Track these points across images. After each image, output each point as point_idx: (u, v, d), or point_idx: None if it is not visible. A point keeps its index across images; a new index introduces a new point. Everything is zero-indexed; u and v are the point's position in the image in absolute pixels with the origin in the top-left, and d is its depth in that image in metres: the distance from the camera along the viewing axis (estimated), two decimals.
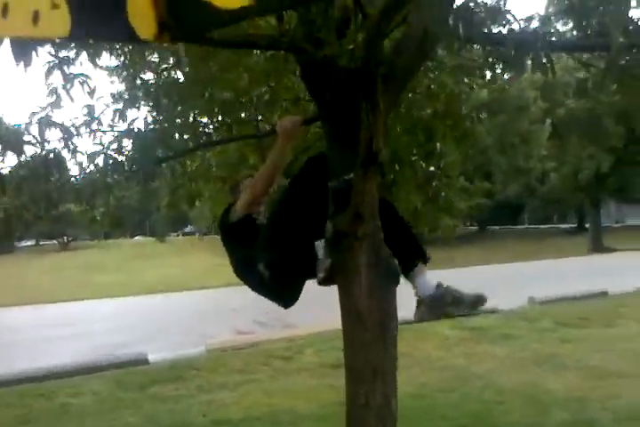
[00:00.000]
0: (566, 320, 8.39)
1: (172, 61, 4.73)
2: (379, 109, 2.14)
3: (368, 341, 2.44)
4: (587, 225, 32.42)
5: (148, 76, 4.98)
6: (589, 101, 23.30)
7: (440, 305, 2.58)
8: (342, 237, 2.45)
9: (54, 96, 3.78)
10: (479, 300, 2.61)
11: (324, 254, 2.50)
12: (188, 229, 51.70)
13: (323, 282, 2.54)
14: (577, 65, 2.77)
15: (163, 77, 4.81)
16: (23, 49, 2.13)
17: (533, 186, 29.62)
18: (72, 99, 3.69)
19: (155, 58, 4.86)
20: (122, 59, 4.63)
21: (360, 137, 2.24)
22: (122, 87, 5.50)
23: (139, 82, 4.90)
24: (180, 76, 4.85)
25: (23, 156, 3.87)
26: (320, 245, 2.52)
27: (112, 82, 6.38)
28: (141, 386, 6.40)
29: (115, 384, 6.50)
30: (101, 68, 5.11)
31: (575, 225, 38.40)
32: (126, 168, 4.36)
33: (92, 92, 4.48)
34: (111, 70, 5.65)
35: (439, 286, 2.59)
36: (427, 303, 2.58)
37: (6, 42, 2.15)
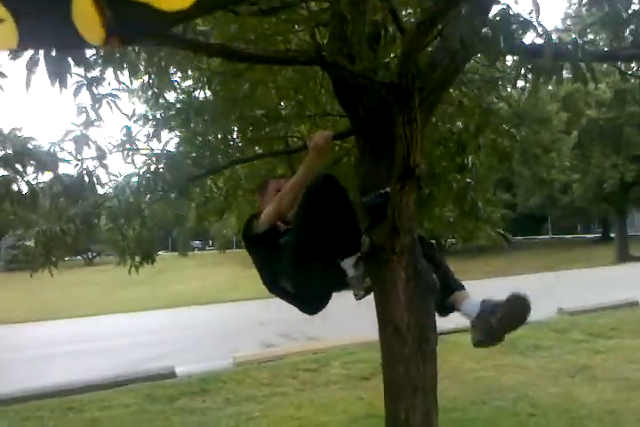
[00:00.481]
0: (597, 331, 8.27)
1: (198, 80, 4.81)
2: (415, 123, 2.16)
3: (407, 355, 2.44)
4: (612, 235, 32.03)
5: (171, 96, 5.07)
6: (611, 111, 23.20)
7: (495, 324, 2.53)
8: (379, 251, 2.46)
9: (84, 116, 3.85)
10: (519, 300, 2.62)
11: (354, 272, 2.49)
12: (203, 244, 51.87)
13: (360, 298, 2.54)
14: (598, 75, 2.74)
15: (190, 97, 4.88)
16: (58, 69, 2.18)
17: (556, 196, 29.35)
18: (101, 118, 3.76)
19: (178, 77, 4.94)
20: (145, 78, 4.71)
21: (396, 151, 2.25)
22: (147, 108, 5.60)
23: (162, 101, 4.98)
24: (204, 94, 4.93)
25: (57, 174, 3.93)
26: (348, 263, 2.50)
27: (132, 103, 6.50)
28: (170, 399, 6.43)
29: (143, 397, 6.54)
30: (125, 88, 5.21)
31: (600, 235, 37.93)
32: (159, 188, 4.43)
33: (130, 116, 4.59)
34: (132, 91, 5.75)
35: (484, 302, 2.59)
36: (479, 325, 2.56)
37: (42, 63, 2.21)
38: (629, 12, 2.55)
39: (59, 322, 14.49)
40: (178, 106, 4.88)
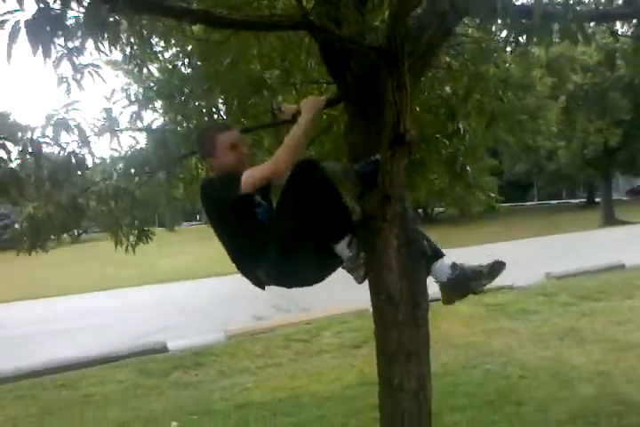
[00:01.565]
0: (585, 294, 8.39)
1: (180, 52, 4.70)
2: (405, 88, 2.11)
3: (400, 322, 2.44)
4: (597, 199, 32.33)
5: (154, 68, 4.95)
6: (597, 76, 23.15)
7: (462, 283, 2.55)
8: (371, 219, 2.44)
9: (65, 87, 3.73)
10: (497, 266, 2.58)
11: (349, 252, 2.37)
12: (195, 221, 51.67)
13: (362, 280, 2.45)
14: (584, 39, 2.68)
15: (173, 71, 4.77)
16: (40, 37, 2.10)
17: (542, 163, 29.47)
18: (82, 88, 3.65)
19: (161, 47, 4.82)
20: (127, 50, 4.59)
21: (386, 117, 2.21)
22: (129, 85, 5.47)
23: (145, 72, 4.86)
24: (186, 66, 4.82)
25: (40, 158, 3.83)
26: (342, 245, 2.38)
27: (117, 75, 6.35)
28: (163, 373, 6.47)
29: (137, 372, 6.58)
30: (107, 58, 5.08)
31: (585, 200, 38.27)
32: (146, 170, 4.34)
33: (109, 97, 4.48)
34: (115, 63, 5.61)
35: (454, 265, 2.56)
36: (449, 286, 2.57)
37: (23, 33, 2.13)
38: None
39: (48, 300, 14.45)
40: (160, 79, 4.78)
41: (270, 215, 2.53)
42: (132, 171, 4.31)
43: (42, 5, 2.05)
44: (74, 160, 3.85)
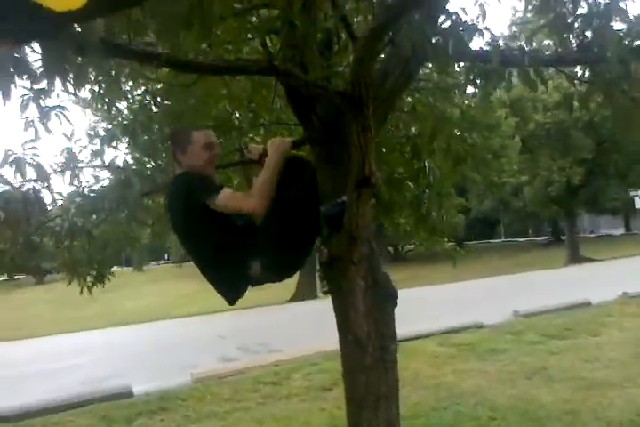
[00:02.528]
0: (552, 332, 8.42)
1: (146, 92, 4.72)
2: (369, 131, 2.15)
3: (368, 365, 2.42)
4: (562, 237, 32.91)
5: (123, 105, 4.96)
6: (557, 115, 23.89)
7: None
8: (338, 261, 2.44)
9: (31, 130, 3.71)
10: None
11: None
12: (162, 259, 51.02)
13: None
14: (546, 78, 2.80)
15: (136, 111, 4.78)
16: (1, 82, 2.09)
17: (508, 200, 30.01)
18: (50, 131, 3.63)
19: (129, 86, 4.84)
20: (96, 89, 4.59)
21: (351, 160, 2.24)
22: (97, 123, 5.46)
23: (114, 111, 4.86)
24: (153, 106, 4.83)
25: None
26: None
27: (85, 114, 6.34)
28: (127, 419, 6.24)
29: (100, 419, 6.33)
30: (75, 97, 5.06)
31: (550, 237, 38.91)
32: (105, 207, 4.29)
33: (69, 137, 4.45)
34: (84, 102, 5.60)
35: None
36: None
37: None
38: (574, 16, 2.61)
39: (8, 343, 14.00)
40: (125, 120, 4.79)
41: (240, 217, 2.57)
42: (89, 208, 4.25)
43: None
44: (32, 197, 3.78)
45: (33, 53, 2.31)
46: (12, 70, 2.10)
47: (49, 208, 4.10)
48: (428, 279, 19.00)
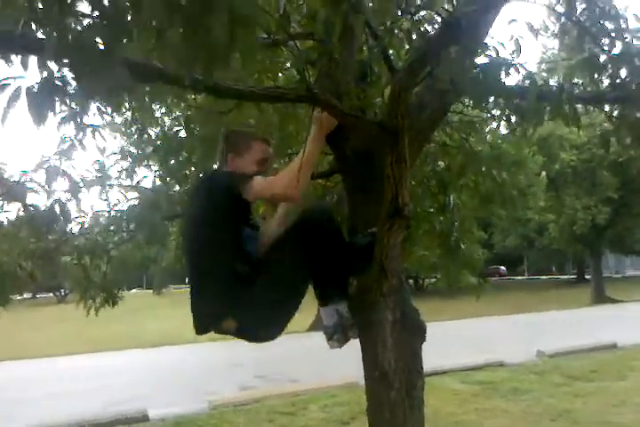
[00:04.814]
0: (577, 374, 8.22)
1: (178, 118, 4.79)
2: (404, 162, 2.14)
3: (393, 401, 2.36)
4: (587, 276, 32.36)
5: (154, 131, 5.04)
6: (584, 154, 23.73)
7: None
8: (366, 293, 2.41)
9: (67, 145, 3.76)
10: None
11: (339, 318, 2.33)
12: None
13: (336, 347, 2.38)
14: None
15: (168, 136, 4.85)
16: (41, 108, 2.11)
17: (533, 237, 29.69)
18: (84, 147, 3.68)
19: (161, 113, 4.92)
20: (128, 114, 4.67)
21: (384, 191, 2.23)
22: (127, 143, 5.54)
23: (145, 137, 4.94)
24: (185, 131, 4.90)
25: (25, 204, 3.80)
26: (328, 311, 2.35)
27: (115, 138, 6.44)
28: None
29: None
30: (109, 122, 5.17)
31: (575, 276, 38.30)
32: (129, 229, 4.32)
33: (102, 150, 4.53)
34: (114, 126, 5.70)
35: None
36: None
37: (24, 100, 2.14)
38: (608, 56, 2.61)
39: (28, 362, 14.01)
40: (158, 143, 4.85)
41: (254, 243, 2.41)
42: (114, 228, 4.28)
43: (46, 74, 2.07)
44: (59, 210, 3.81)
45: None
46: (51, 97, 2.13)
47: (72, 223, 4.13)
48: (449, 314, 18.71)
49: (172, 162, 4.73)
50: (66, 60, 1.70)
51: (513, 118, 2.80)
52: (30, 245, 3.95)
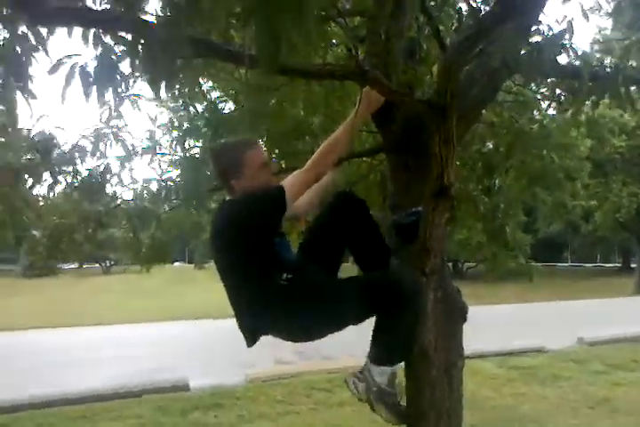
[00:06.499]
0: (618, 362, 8.10)
1: (226, 92, 4.81)
2: (452, 142, 2.12)
3: (433, 379, 2.37)
4: (632, 265, 31.58)
5: (199, 106, 5.08)
6: (635, 139, 22.97)
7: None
8: None
9: (106, 111, 3.81)
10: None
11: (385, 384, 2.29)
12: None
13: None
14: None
15: (217, 109, 4.88)
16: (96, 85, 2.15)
17: (577, 224, 29.01)
18: (121, 115, 3.74)
19: (207, 87, 4.95)
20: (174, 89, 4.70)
21: (431, 169, 2.21)
22: (172, 117, 5.60)
23: (192, 111, 4.98)
24: (232, 105, 4.93)
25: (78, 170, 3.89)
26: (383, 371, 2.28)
27: (161, 113, 6.52)
28: (182, 412, 6.37)
29: (156, 409, 6.48)
30: (157, 99, 5.22)
31: (620, 265, 37.44)
32: (178, 196, 4.41)
33: (153, 120, 4.60)
34: (160, 100, 5.75)
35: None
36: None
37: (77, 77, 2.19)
38: None
39: (75, 329, 14.47)
40: (206, 115, 4.89)
41: (287, 250, 2.38)
42: (163, 195, 4.37)
43: (102, 52, 2.11)
44: (109, 176, 3.91)
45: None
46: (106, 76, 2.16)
47: (123, 189, 4.24)
48: (489, 299, 18.54)
49: (220, 132, 4.77)
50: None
51: (564, 99, 2.74)
52: (83, 209, 4.08)
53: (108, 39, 2.09)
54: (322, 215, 2.49)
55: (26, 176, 3.68)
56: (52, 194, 3.81)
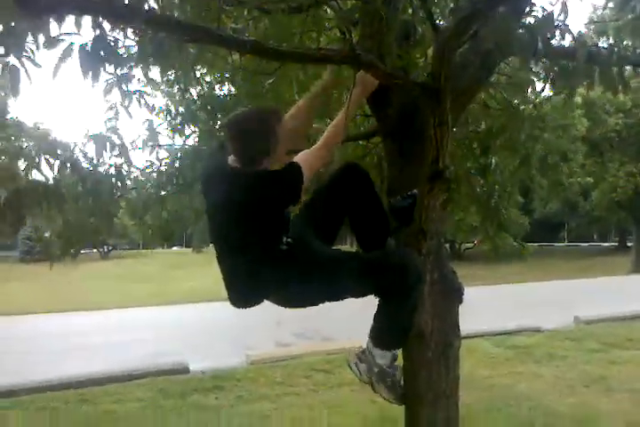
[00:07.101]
0: (613, 341, 8.18)
1: (221, 76, 4.80)
2: (446, 124, 2.13)
3: (430, 361, 2.40)
4: (629, 244, 31.72)
5: (194, 91, 5.07)
6: (631, 118, 22.91)
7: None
8: None
9: (113, 112, 3.84)
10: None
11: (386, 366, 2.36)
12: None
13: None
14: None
15: (212, 93, 4.87)
16: (92, 64, 2.17)
17: (575, 202, 29.06)
18: (130, 115, 3.76)
19: (202, 72, 4.93)
20: (169, 73, 4.69)
21: (426, 152, 2.23)
22: (169, 102, 5.58)
23: (187, 96, 4.96)
24: (227, 88, 4.91)
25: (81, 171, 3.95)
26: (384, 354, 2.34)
27: (155, 96, 6.50)
28: (183, 394, 6.44)
29: (157, 392, 6.56)
30: (151, 82, 5.21)
31: (616, 244, 37.59)
32: (179, 181, 4.44)
33: (151, 108, 4.59)
34: (156, 85, 5.73)
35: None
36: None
37: (76, 56, 2.20)
38: None
39: (74, 314, 14.54)
40: (200, 101, 4.88)
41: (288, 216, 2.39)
42: (165, 182, 4.40)
43: (98, 32, 2.12)
44: (114, 175, 3.95)
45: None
46: (102, 55, 2.18)
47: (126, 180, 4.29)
48: (486, 279, 18.66)
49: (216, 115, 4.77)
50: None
51: (559, 81, 2.72)
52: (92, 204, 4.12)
53: (105, 24, 2.11)
54: (325, 183, 2.53)
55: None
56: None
